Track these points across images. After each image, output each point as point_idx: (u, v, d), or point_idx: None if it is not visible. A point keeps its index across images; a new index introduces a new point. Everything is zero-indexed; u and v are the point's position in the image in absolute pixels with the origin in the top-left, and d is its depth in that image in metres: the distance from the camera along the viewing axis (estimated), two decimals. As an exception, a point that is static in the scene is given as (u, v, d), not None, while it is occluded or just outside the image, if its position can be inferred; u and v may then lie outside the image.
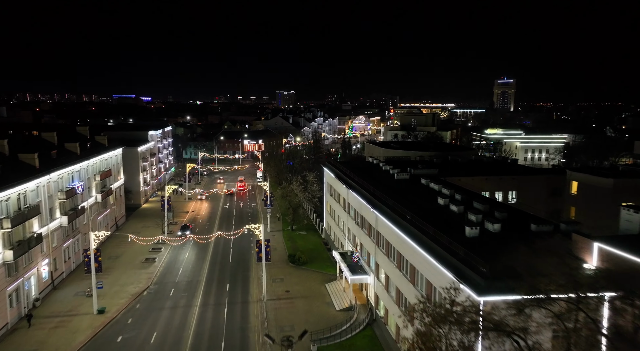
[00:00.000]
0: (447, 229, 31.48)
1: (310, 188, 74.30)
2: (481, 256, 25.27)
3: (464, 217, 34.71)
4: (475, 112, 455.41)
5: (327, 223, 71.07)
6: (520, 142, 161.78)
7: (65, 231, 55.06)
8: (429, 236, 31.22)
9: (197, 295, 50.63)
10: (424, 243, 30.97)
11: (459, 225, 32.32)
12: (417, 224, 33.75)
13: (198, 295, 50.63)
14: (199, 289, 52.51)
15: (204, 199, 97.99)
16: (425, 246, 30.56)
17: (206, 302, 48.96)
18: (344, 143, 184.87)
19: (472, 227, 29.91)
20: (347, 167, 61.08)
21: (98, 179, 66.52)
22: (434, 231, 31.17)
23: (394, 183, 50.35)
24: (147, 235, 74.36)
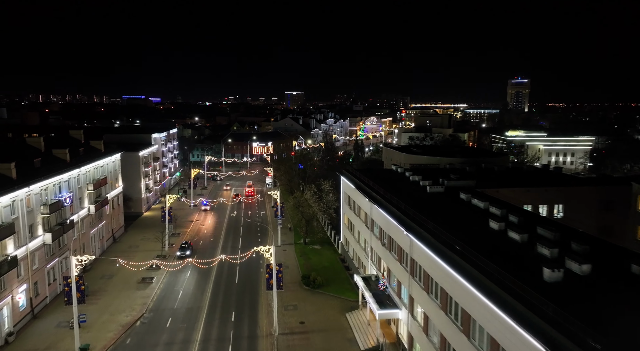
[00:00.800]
0: (514, 267, 24.11)
1: (326, 198, 67.09)
2: (584, 320, 17.86)
3: (531, 249, 27.26)
4: (489, 112, 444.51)
5: (344, 237, 63.82)
6: (543, 145, 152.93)
7: (49, 250, 48.55)
8: (491, 277, 23.82)
9: (198, 328, 43.67)
10: (486, 288, 23.60)
11: (529, 262, 24.94)
12: (470, 258, 26.37)
13: (199, 328, 43.67)
14: (200, 319, 45.58)
15: (209, 210, 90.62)
16: (488, 292, 23.18)
17: (208, 337, 41.97)
18: (357, 145, 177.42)
19: (553, 269, 22.43)
20: (368, 176, 53.80)
21: (91, 188, 60.06)
22: (496, 270, 23.78)
23: (427, 198, 42.92)
24: (146, 249, 68.03)
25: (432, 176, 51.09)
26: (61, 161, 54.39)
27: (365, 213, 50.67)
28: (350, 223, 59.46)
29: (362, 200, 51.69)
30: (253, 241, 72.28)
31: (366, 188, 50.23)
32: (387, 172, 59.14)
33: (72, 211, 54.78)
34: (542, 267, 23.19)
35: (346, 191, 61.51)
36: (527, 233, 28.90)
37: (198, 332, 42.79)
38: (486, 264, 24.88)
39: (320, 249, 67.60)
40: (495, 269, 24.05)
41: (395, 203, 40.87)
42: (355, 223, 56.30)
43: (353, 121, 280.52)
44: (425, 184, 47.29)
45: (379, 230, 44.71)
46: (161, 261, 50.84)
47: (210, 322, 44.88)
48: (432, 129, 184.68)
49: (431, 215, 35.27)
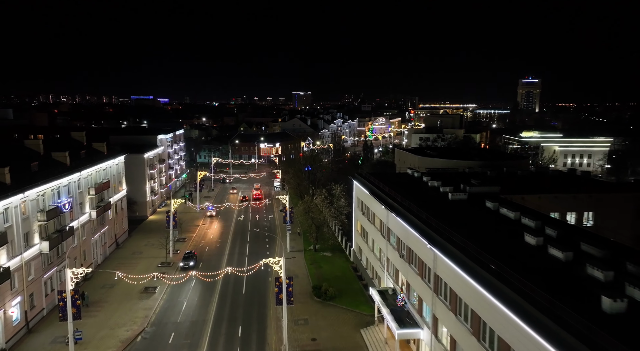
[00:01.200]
0: (564, 294, 20.82)
1: (337, 203, 63.96)
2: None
3: (578, 270, 23.93)
4: (499, 112, 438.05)
5: (356, 245, 60.67)
6: (558, 146, 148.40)
7: (46, 259, 45.99)
8: (537, 305, 20.54)
9: (202, 344, 40.77)
10: (532, 318, 20.32)
11: (581, 287, 21.63)
12: (509, 280, 23.13)
13: (203, 344, 40.77)
14: (204, 334, 42.68)
15: (215, 216, 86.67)
16: (536, 324, 19.89)
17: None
18: (366, 146, 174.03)
19: (614, 298, 19.10)
20: (383, 181, 50.60)
21: (93, 193, 57.55)
22: (545, 297, 20.50)
23: (449, 206, 39.63)
24: (149, 255, 65.37)
25: (451, 181, 47.77)
26: (61, 164, 51.90)
27: (380, 221, 47.48)
28: (363, 230, 56.30)
29: (377, 207, 48.52)
30: (261, 246, 69.43)
31: (381, 194, 47.02)
32: (402, 177, 55.87)
33: (72, 217, 52.27)
34: (599, 295, 19.86)
35: (359, 196, 58.36)
36: (571, 251, 25.53)
37: (202, 350, 39.89)
38: (531, 290, 21.58)
39: (331, 256, 64.50)
40: (543, 296, 20.77)
41: (415, 212, 37.65)
42: (369, 230, 53.13)
43: (361, 121, 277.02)
44: (445, 190, 44.00)
45: (397, 240, 41.50)
46: (163, 274, 47.70)
47: (216, 338, 41.97)
48: (443, 129, 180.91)
49: (457, 226, 32.02)
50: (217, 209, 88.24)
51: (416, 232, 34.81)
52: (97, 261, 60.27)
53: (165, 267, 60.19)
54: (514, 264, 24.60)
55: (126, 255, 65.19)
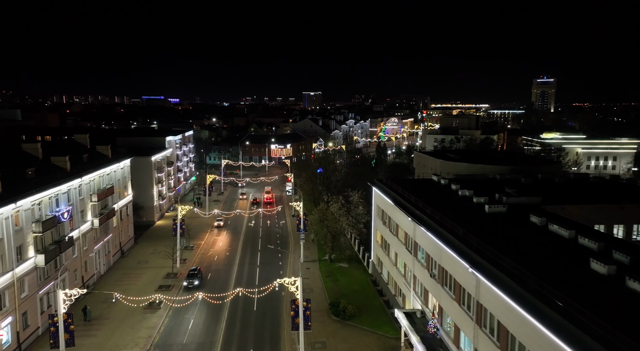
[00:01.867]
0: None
1: (355, 211, 59.63)
2: None
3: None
4: (514, 113, 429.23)
5: (376, 256, 56.31)
6: (581, 148, 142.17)
7: (42, 274, 42.47)
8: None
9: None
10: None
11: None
12: (585, 324, 18.64)
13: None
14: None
15: (223, 223, 79.99)
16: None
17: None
18: (379, 147, 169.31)
19: None
20: (407, 188, 46.20)
21: (95, 199, 54.05)
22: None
23: (487, 220, 35.16)
24: (155, 265, 61.63)
25: (483, 189, 43.27)
26: (60, 170, 48.42)
27: (405, 234, 43.09)
28: (384, 241, 51.93)
29: (401, 217, 44.16)
30: (273, 255, 65.48)
31: (407, 204, 42.62)
32: (427, 184, 51.39)
33: (71, 227, 48.78)
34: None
35: (379, 204, 54.00)
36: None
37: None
38: (624, 343, 17.08)
39: (347, 268, 60.23)
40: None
41: (449, 227, 33.23)
42: (391, 242, 48.74)
43: (373, 121, 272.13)
44: (480, 201, 39.50)
45: (426, 257, 37.09)
46: (165, 295, 43.50)
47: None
48: (459, 130, 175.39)
49: (502, 247, 27.58)
50: (226, 217, 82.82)
51: (452, 251, 30.41)
52: (100, 272, 56.83)
53: (172, 279, 56.50)
54: (588, 302, 20.12)
55: (131, 265, 61.66)
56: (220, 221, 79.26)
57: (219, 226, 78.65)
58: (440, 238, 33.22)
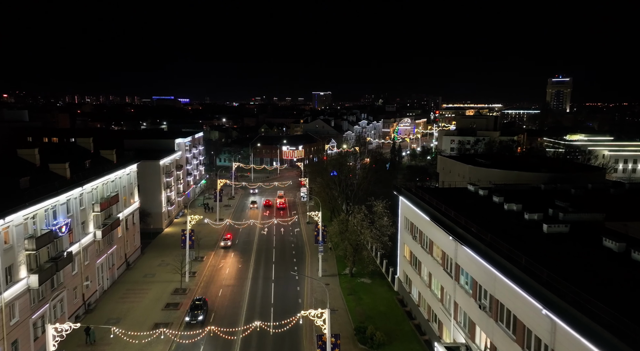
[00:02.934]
0: None
1: (379, 223, 54.57)
2: None
3: None
4: (529, 113, 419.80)
5: (403, 273, 51.22)
6: (608, 150, 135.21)
7: (37, 295, 38.17)
8: None
9: None
10: None
11: None
12: None
13: None
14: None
15: (231, 242, 69.78)
16: None
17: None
18: (394, 149, 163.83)
19: None
20: (439, 198, 41.08)
21: (98, 209, 49.74)
22: None
23: (549, 242, 29.97)
24: (163, 279, 57.02)
25: (530, 202, 38.05)
26: (59, 178, 44.15)
27: (443, 253, 37.99)
28: (414, 257, 46.83)
29: (436, 234, 39.10)
30: (289, 268, 60.86)
31: (445, 220, 37.49)
32: (462, 194, 46.20)
33: (71, 240, 44.51)
34: None
35: (408, 216, 48.92)
36: None
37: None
38: None
39: (370, 284, 55.23)
40: None
41: (505, 252, 28.07)
42: (423, 260, 43.64)
43: (386, 122, 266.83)
44: (532, 217, 34.27)
45: (473, 284, 31.98)
46: (170, 330, 38.22)
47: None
48: (477, 132, 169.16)
49: (582, 283, 22.43)
50: (238, 226, 76.30)
51: (514, 283, 25.30)
52: (103, 287, 52.56)
53: (180, 295, 52.02)
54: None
55: (137, 278, 57.34)
56: (228, 241, 68.80)
57: (226, 246, 68.13)
58: (494, 264, 28.11)
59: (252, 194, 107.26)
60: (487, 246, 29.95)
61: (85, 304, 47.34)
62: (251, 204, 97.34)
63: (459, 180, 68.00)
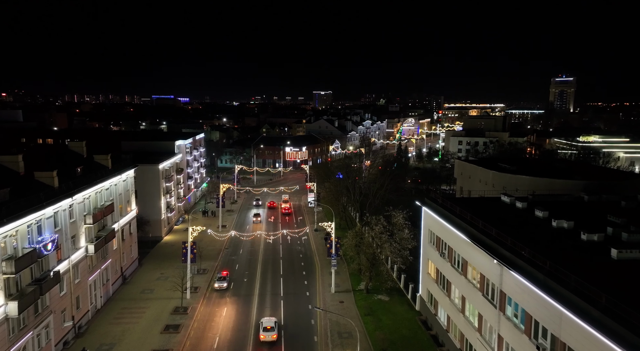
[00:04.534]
0: None
1: (399, 235, 49.80)
2: None
3: None
4: (532, 113, 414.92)
5: (426, 292, 46.47)
6: (624, 152, 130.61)
7: (17, 324, 33.41)
8: None
9: None
10: None
11: None
12: None
13: None
14: None
15: (227, 284, 54.20)
16: None
17: None
18: (399, 151, 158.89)
19: None
20: (470, 211, 36.42)
21: (90, 221, 44.96)
22: None
23: (623, 273, 25.21)
24: (161, 295, 51.88)
25: (578, 216, 33.42)
26: (45, 187, 39.39)
27: (482, 276, 33.25)
28: (441, 276, 42.08)
29: (471, 253, 34.41)
30: (298, 282, 56.50)
31: (484, 238, 32.75)
32: (496, 206, 41.47)
33: (59, 257, 39.78)
34: None
35: (433, 230, 44.20)
36: None
37: None
38: None
39: (388, 302, 50.51)
40: None
41: (573, 285, 23.35)
42: (454, 281, 38.90)
43: (390, 122, 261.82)
44: (592, 238, 29.61)
45: (526, 319, 27.25)
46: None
47: None
48: (485, 132, 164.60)
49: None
50: (242, 236, 70.76)
51: (596, 330, 20.56)
52: (96, 306, 47.82)
53: (181, 315, 47.30)
54: None
55: (134, 294, 52.56)
56: (223, 282, 53.19)
57: (220, 288, 52.77)
58: (559, 300, 23.40)
59: (256, 206, 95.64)
60: (546, 276, 25.24)
61: (76, 327, 42.60)
62: (254, 217, 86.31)
63: (481, 187, 63.30)
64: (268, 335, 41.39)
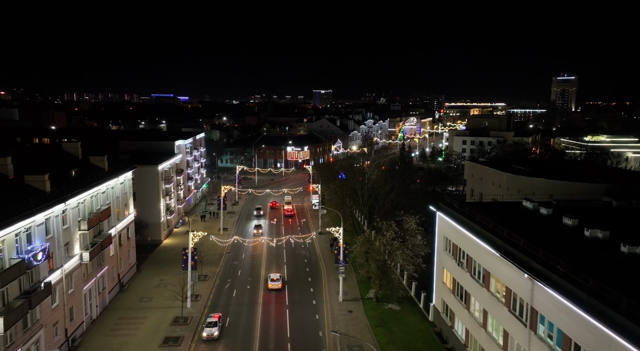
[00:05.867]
0: None
1: (412, 241, 47.19)
2: None
3: None
4: (534, 112, 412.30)
5: (441, 301, 43.89)
6: (632, 152, 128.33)
7: (2, 342, 30.77)
8: None
9: None
10: None
11: None
12: None
13: None
14: None
15: (218, 332, 42.60)
16: None
17: None
18: (403, 150, 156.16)
19: None
20: (493, 219, 33.85)
21: (85, 227, 42.35)
22: None
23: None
24: (160, 304, 48.99)
25: (611, 225, 30.84)
26: (37, 192, 36.76)
27: (508, 290, 30.63)
28: (458, 286, 39.50)
29: (495, 264, 31.85)
30: (304, 290, 53.94)
31: (511, 249, 30.15)
32: (517, 212, 38.89)
33: (50, 267, 37.17)
34: None
35: (448, 236, 41.61)
36: None
37: None
38: None
39: (399, 312, 47.94)
40: None
41: (625, 307, 20.77)
42: (474, 292, 36.31)
43: (392, 121, 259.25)
44: (634, 250, 27.02)
45: (565, 342, 24.66)
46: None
47: None
48: (490, 132, 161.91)
49: None
50: (245, 241, 67.64)
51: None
52: (91, 317, 45.23)
53: (181, 326, 44.71)
54: None
55: (131, 303, 49.91)
56: (213, 330, 41.86)
57: (210, 338, 41.56)
58: (609, 324, 20.81)
59: (257, 216, 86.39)
60: (590, 295, 22.64)
61: (69, 340, 40.02)
62: (255, 228, 75.91)
63: (494, 189, 60.80)
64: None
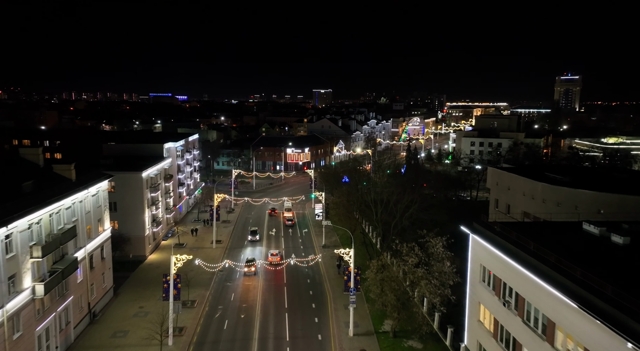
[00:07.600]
0: None
1: (437, 268, 39.19)
2: None
3: None
4: (539, 112, 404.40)
5: (476, 343, 35.84)
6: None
7: None
8: None
9: None
10: None
11: None
12: None
13: None
14: None
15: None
16: None
17: None
18: (409, 152, 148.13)
19: None
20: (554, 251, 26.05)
21: (38, 254, 34.33)
22: None
23: None
24: (137, 341, 40.65)
25: None
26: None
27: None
28: (502, 330, 31.54)
29: (563, 312, 24.00)
30: (307, 321, 46.15)
31: (596, 300, 22.23)
32: (576, 238, 30.92)
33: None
34: None
35: (487, 265, 33.68)
36: None
37: None
38: None
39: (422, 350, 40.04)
40: None
41: None
42: (526, 343, 28.35)
43: (395, 121, 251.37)
44: None
45: None
46: None
47: None
48: (500, 133, 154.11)
49: None
50: (239, 267, 56.96)
51: None
52: None
53: None
54: None
55: (102, 340, 41.80)
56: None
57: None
58: None
59: (252, 241, 69.68)
60: None
61: (16, 397, 32.01)
62: (246, 266, 57.34)
63: (525, 201, 52.91)
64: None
